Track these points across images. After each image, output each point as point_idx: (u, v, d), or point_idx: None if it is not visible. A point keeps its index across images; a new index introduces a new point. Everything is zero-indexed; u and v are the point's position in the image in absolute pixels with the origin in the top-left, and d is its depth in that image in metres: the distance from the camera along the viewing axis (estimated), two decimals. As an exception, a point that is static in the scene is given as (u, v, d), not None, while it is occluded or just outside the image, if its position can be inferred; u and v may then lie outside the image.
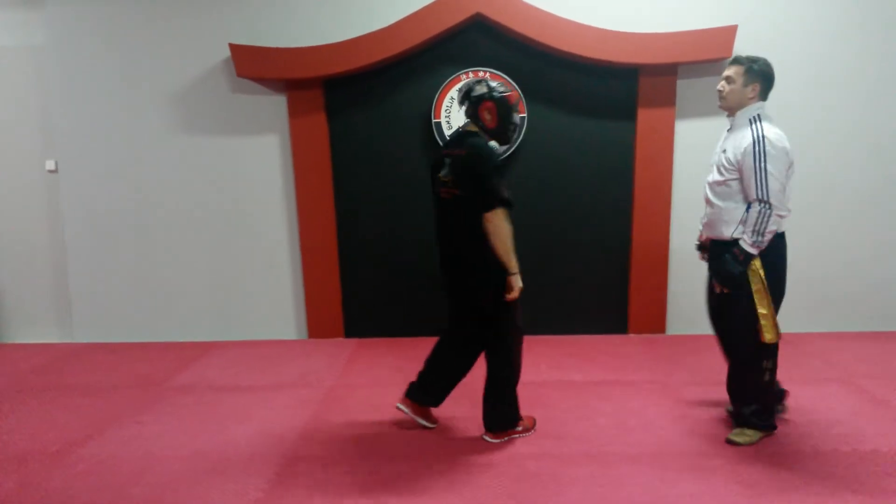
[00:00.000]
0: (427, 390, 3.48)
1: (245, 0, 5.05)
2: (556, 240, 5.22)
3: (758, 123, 3.05)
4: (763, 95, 3.15)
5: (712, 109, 4.95)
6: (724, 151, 3.17)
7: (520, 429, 3.40)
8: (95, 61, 5.17)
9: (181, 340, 5.44)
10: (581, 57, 4.85)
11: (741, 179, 3.07)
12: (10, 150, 5.38)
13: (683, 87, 5.00)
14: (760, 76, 3.12)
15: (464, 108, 3.28)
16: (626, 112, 5.04)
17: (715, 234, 3.25)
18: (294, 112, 5.09)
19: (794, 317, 5.23)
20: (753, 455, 3.15)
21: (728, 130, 3.25)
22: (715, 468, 3.03)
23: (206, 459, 3.24)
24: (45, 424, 3.73)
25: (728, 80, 3.17)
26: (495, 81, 3.26)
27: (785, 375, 4.21)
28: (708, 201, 3.28)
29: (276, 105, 5.17)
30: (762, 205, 2.96)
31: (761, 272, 3.07)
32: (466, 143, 3.15)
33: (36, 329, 5.59)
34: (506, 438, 3.36)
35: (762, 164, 2.95)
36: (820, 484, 2.86)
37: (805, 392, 3.94)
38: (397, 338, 5.34)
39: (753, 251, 3.01)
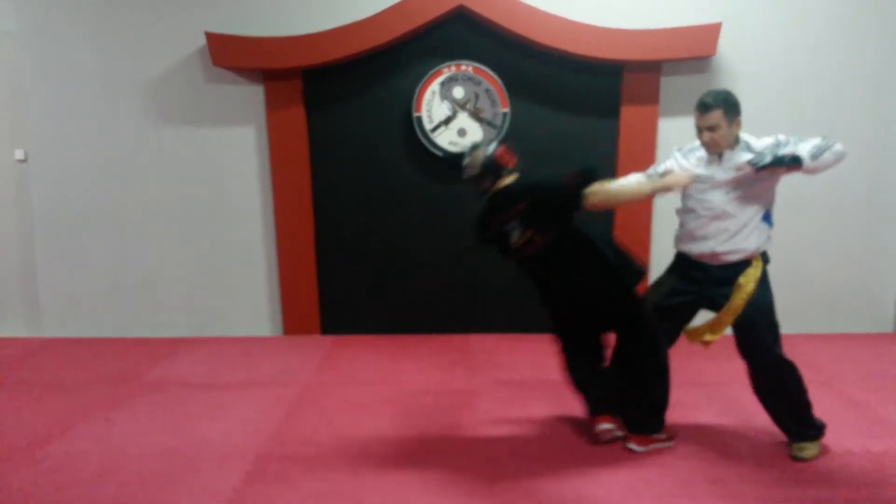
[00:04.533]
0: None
1: (222, -12, 4.97)
2: (536, 237, 5.18)
3: (751, 147, 2.95)
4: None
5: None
6: (739, 170, 2.95)
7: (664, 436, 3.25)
8: (67, 48, 5.04)
9: (153, 336, 5.34)
10: (565, 52, 4.82)
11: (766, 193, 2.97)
12: (-23, 139, 5.24)
13: (667, 84, 4.98)
14: (737, 109, 2.98)
15: (485, 178, 3.14)
16: (610, 108, 5.02)
17: (735, 251, 3.04)
18: (271, 103, 5.01)
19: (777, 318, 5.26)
20: (728, 454, 3.15)
21: (719, 161, 3.06)
22: (691, 468, 3.02)
23: (178, 457, 3.17)
24: (11, 420, 3.65)
25: (711, 129, 2.97)
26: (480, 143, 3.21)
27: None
28: (721, 216, 3.03)
29: (252, 96, 5.08)
30: (823, 139, 2.78)
31: (748, 289, 2.97)
32: (519, 190, 3.05)
33: (3, 322, 5.45)
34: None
35: (797, 141, 2.84)
36: (793, 483, 2.87)
37: (785, 392, 3.94)
38: (375, 335, 5.28)
39: (808, 161, 2.75)
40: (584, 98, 5.02)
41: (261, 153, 5.16)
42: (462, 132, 4.98)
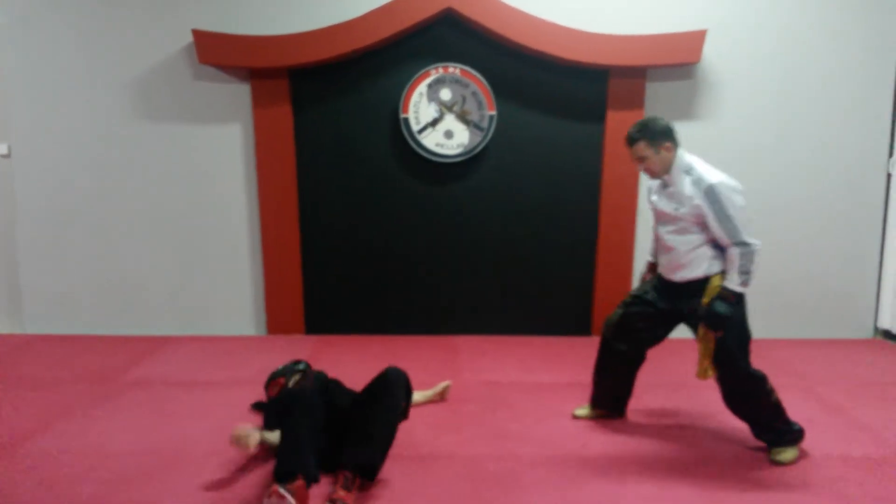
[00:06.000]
0: None
1: (211, -14, 4.95)
2: (522, 240, 5.20)
3: (694, 172, 2.96)
4: (675, 145, 3.03)
5: (679, 114, 5.00)
6: (677, 209, 3.01)
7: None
8: (53, 42, 4.99)
9: (136, 334, 5.30)
10: (552, 56, 4.83)
11: (706, 228, 2.97)
12: (-40, 133, 5.18)
13: (652, 90, 5.01)
14: (661, 134, 3.00)
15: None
16: (596, 113, 5.04)
17: (684, 277, 3.11)
18: (258, 102, 4.99)
19: (756, 324, 5.29)
20: (711, 459, 3.17)
21: (664, 188, 3.13)
22: (672, 471, 3.04)
23: (159, 456, 3.15)
24: (-10, 418, 3.61)
25: (641, 160, 3.06)
26: None
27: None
28: (667, 247, 3.13)
29: (239, 94, 5.05)
30: (740, 246, 2.86)
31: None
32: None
33: (-17, 319, 5.41)
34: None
35: (722, 212, 2.85)
36: (773, 486, 2.91)
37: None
38: (359, 335, 5.27)
39: (742, 290, 2.92)
40: (571, 102, 5.04)
41: (247, 152, 5.14)
42: (449, 134, 4.99)
